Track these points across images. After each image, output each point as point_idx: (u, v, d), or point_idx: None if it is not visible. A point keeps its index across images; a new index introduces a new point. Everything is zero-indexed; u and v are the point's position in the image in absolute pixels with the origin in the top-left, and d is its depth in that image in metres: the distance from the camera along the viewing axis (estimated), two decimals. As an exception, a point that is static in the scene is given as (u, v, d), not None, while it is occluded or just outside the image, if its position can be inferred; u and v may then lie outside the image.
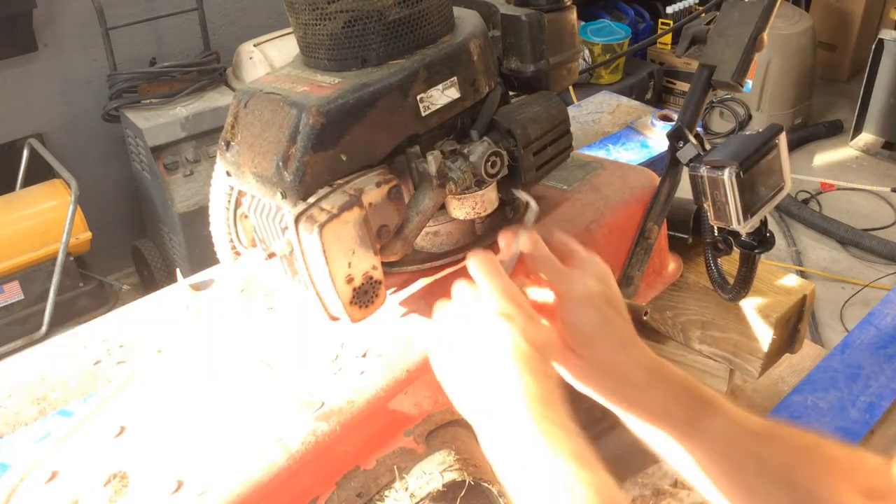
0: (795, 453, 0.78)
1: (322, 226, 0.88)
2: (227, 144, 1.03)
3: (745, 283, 1.26)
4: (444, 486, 0.93)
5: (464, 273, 1.12)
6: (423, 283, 1.11)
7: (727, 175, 1.04)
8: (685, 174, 1.18)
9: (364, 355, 1.00)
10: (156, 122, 3.18)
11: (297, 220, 0.90)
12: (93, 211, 3.23)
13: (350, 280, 0.92)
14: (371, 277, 0.94)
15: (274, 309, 1.12)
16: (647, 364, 0.85)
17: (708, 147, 1.19)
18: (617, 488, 0.69)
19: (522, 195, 1.04)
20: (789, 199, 4.04)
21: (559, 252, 0.90)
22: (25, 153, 3.12)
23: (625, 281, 1.26)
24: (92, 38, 3.30)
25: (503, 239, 0.94)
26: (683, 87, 4.85)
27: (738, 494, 0.79)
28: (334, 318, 0.96)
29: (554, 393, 0.77)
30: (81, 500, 0.86)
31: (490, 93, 1.08)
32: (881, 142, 4.62)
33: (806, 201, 4.17)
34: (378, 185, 0.94)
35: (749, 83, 4.54)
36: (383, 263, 0.97)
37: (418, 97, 0.98)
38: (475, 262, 0.85)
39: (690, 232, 1.37)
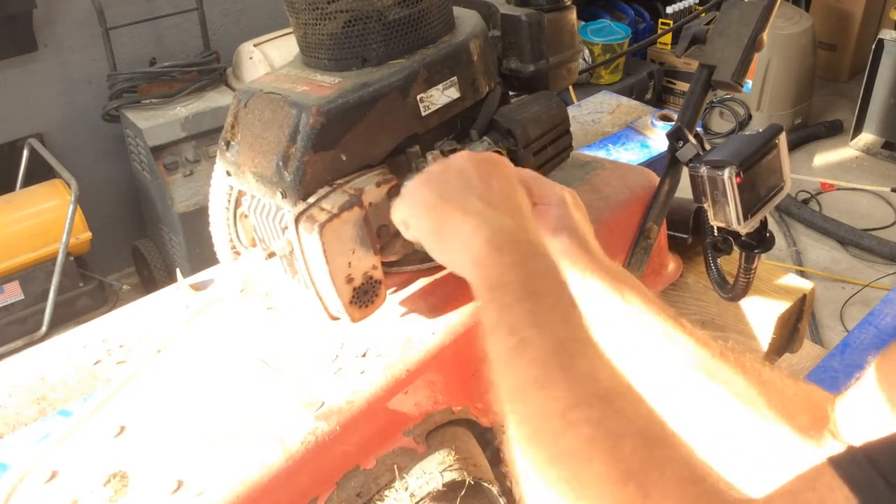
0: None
1: (322, 225, 0.88)
2: (227, 144, 1.03)
3: (744, 282, 1.26)
4: (443, 485, 0.93)
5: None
6: (423, 282, 1.11)
7: (727, 175, 1.04)
8: (685, 174, 1.18)
9: (364, 355, 1.00)
10: (156, 122, 3.18)
11: (297, 220, 0.90)
12: (93, 211, 3.23)
13: (350, 280, 0.92)
14: (371, 277, 0.94)
15: (274, 309, 1.12)
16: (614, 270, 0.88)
17: (708, 147, 1.19)
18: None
19: None
20: (789, 199, 4.04)
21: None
22: (25, 153, 3.12)
23: (625, 281, 1.26)
24: (92, 38, 3.30)
25: None
26: (683, 87, 4.85)
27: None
28: (334, 318, 0.96)
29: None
30: (81, 499, 0.86)
31: (490, 93, 1.08)
32: (881, 142, 4.62)
33: (806, 201, 4.17)
34: (378, 184, 0.94)
35: (749, 83, 4.54)
36: (383, 263, 0.97)
37: (418, 97, 0.98)
38: None
39: (690, 232, 1.37)
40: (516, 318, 0.67)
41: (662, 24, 4.98)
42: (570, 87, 4.12)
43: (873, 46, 4.35)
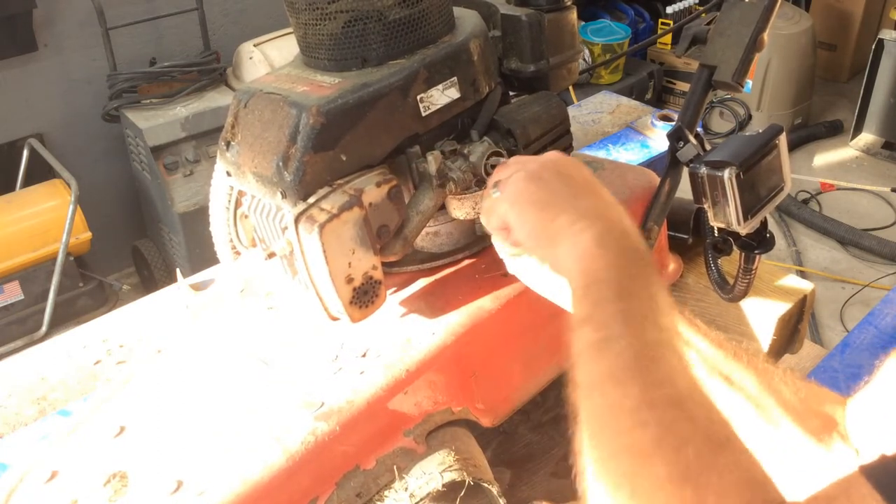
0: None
1: (322, 226, 0.88)
2: (227, 144, 1.03)
3: (744, 283, 1.26)
4: (443, 486, 0.93)
5: (464, 273, 1.12)
6: (423, 283, 1.11)
7: (727, 175, 1.04)
8: (685, 174, 1.18)
9: (364, 355, 1.00)
10: (156, 122, 3.18)
11: (297, 220, 0.90)
12: (93, 211, 3.23)
13: (350, 280, 0.92)
14: (371, 277, 0.94)
15: (274, 309, 1.12)
16: None
17: (708, 147, 1.19)
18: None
19: None
20: (789, 199, 4.04)
21: None
22: (25, 153, 3.12)
23: (625, 281, 1.26)
24: (92, 38, 3.30)
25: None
26: (683, 87, 4.85)
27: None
28: (334, 318, 0.96)
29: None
30: (81, 499, 0.86)
31: (490, 93, 1.08)
32: (881, 142, 4.62)
33: (806, 201, 4.17)
34: (378, 185, 0.94)
35: (749, 83, 4.53)
36: (383, 263, 0.97)
37: (418, 97, 0.98)
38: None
39: (690, 232, 1.37)
40: (608, 316, 0.67)
41: (662, 24, 4.98)
42: (570, 87, 4.12)
43: (873, 46, 4.35)
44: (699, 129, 1.22)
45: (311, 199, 0.92)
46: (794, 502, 0.56)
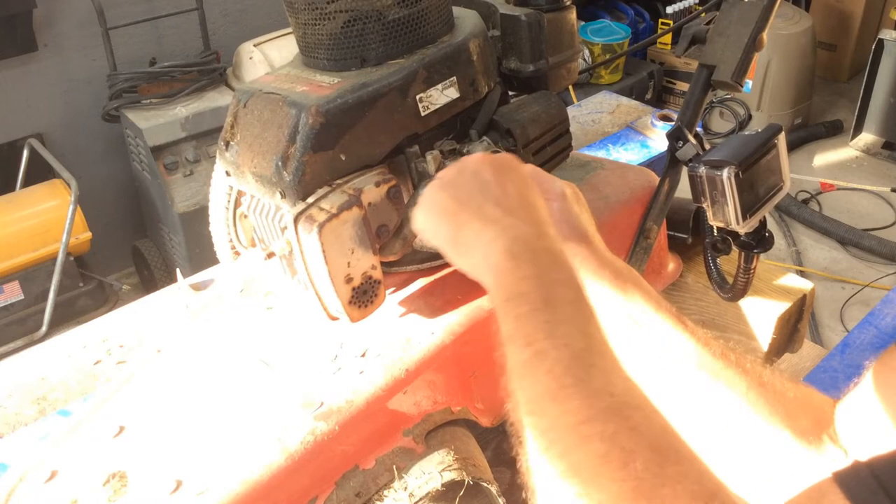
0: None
1: (321, 225, 0.88)
2: (227, 144, 1.03)
3: (744, 282, 1.26)
4: (443, 485, 0.93)
5: (463, 273, 1.12)
6: (422, 282, 1.11)
7: (726, 175, 1.04)
8: (685, 174, 1.18)
9: (363, 355, 1.00)
10: (156, 122, 3.18)
11: (296, 220, 0.90)
12: (93, 211, 3.23)
13: (349, 280, 0.92)
14: (370, 277, 0.94)
15: (273, 309, 1.12)
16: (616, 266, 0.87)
17: (707, 147, 1.19)
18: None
19: None
20: (789, 199, 4.04)
21: None
22: (25, 153, 3.12)
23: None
24: (92, 38, 3.30)
25: None
26: (683, 87, 4.85)
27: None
28: (334, 318, 0.96)
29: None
30: (80, 499, 0.86)
31: (489, 93, 1.08)
32: (881, 142, 4.61)
33: (806, 201, 4.17)
34: (377, 184, 0.94)
35: (749, 83, 4.54)
36: (382, 263, 0.97)
37: (417, 97, 0.98)
38: None
39: (690, 232, 1.37)
40: (532, 329, 0.66)
41: (662, 24, 4.98)
42: (570, 87, 4.13)
43: (873, 46, 4.35)
44: (699, 129, 1.23)
45: (311, 199, 0.92)
46: None
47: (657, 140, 1.95)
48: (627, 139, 1.97)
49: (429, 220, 0.82)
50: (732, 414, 0.78)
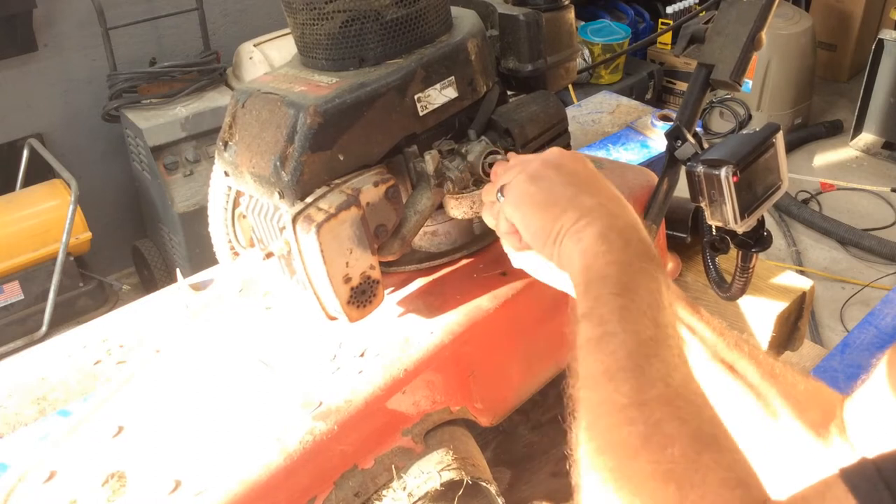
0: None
1: (319, 225, 0.88)
2: (225, 144, 1.03)
3: (742, 281, 1.26)
4: (441, 485, 0.94)
5: (462, 272, 1.12)
6: (421, 282, 1.11)
7: (724, 174, 1.04)
8: (684, 173, 1.18)
9: (362, 355, 1.00)
10: (156, 122, 3.18)
11: (294, 220, 0.90)
12: (93, 211, 3.23)
13: (348, 280, 0.92)
14: (369, 277, 0.94)
15: (272, 309, 1.12)
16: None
17: (706, 146, 1.19)
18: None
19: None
20: (789, 199, 4.04)
21: None
22: (25, 153, 3.12)
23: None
24: (92, 38, 3.30)
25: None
26: (683, 86, 4.84)
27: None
28: (332, 318, 0.96)
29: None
30: (80, 499, 0.86)
31: (488, 92, 1.08)
32: (881, 142, 4.61)
33: (806, 201, 4.17)
34: (376, 184, 0.94)
35: (749, 83, 4.54)
36: (381, 263, 0.97)
37: (416, 97, 0.98)
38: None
39: (689, 231, 1.37)
40: (608, 311, 0.68)
41: (662, 23, 4.98)
42: (570, 87, 4.12)
43: (873, 46, 4.35)
44: (699, 129, 1.23)
45: (309, 199, 0.92)
46: (776, 502, 0.57)
47: (657, 140, 1.95)
48: (627, 139, 1.98)
49: (519, 213, 0.83)
50: (744, 403, 0.79)
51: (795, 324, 1.43)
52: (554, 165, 0.84)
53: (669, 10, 4.94)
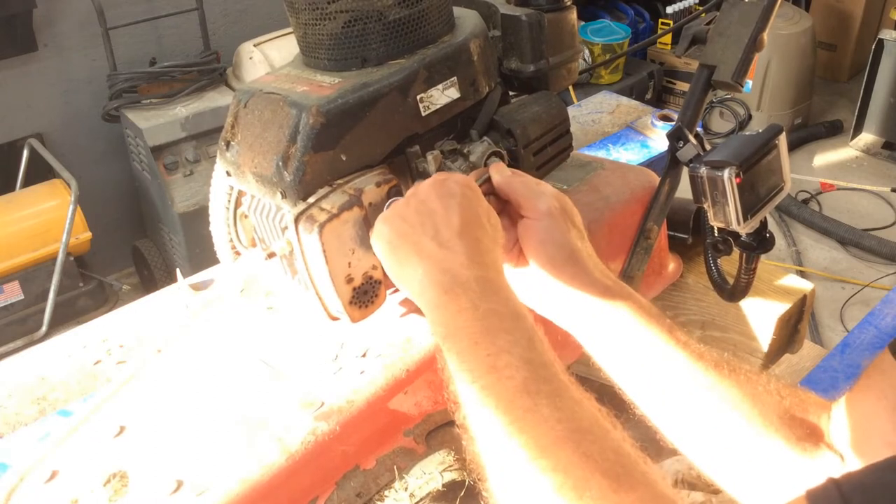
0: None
1: (322, 225, 0.88)
2: (227, 144, 1.03)
3: (744, 283, 1.26)
4: (443, 485, 0.94)
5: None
6: (422, 282, 1.11)
7: (727, 175, 1.04)
8: (685, 174, 1.18)
9: (364, 355, 1.00)
10: (156, 122, 3.18)
11: (296, 220, 0.90)
12: (93, 211, 3.23)
13: (350, 280, 0.92)
14: (371, 277, 0.94)
15: (274, 309, 1.12)
16: (605, 284, 0.86)
17: (708, 147, 1.19)
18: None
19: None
20: (789, 199, 4.04)
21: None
22: (25, 153, 3.12)
23: (625, 281, 1.26)
24: (92, 38, 3.30)
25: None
26: (683, 87, 4.85)
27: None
28: (334, 318, 0.96)
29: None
30: (81, 499, 0.86)
31: (490, 93, 1.08)
32: (881, 142, 4.62)
33: (806, 201, 4.17)
34: (378, 184, 0.94)
35: (749, 83, 4.53)
36: (383, 263, 0.97)
37: (418, 97, 0.98)
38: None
39: (690, 232, 1.37)
40: (475, 365, 0.68)
41: (662, 24, 4.98)
42: (570, 87, 4.12)
43: (873, 46, 4.35)
44: (699, 129, 1.22)
45: (311, 199, 0.92)
46: None
47: (657, 140, 1.95)
48: (627, 139, 1.97)
49: (377, 251, 0.85)
50: (725, 424, 0.78)
51: (796, 326, 1.43)
52: (418, 201, 0.83)
53: (669, 10, 4.94)
